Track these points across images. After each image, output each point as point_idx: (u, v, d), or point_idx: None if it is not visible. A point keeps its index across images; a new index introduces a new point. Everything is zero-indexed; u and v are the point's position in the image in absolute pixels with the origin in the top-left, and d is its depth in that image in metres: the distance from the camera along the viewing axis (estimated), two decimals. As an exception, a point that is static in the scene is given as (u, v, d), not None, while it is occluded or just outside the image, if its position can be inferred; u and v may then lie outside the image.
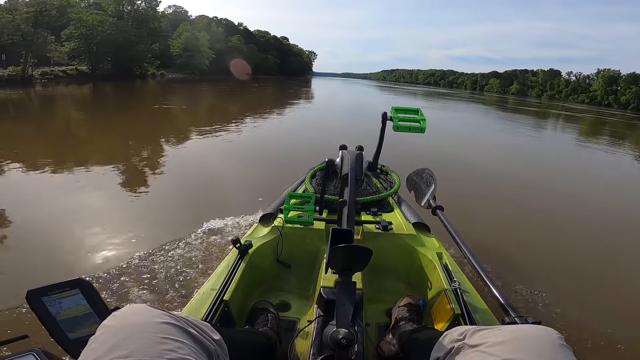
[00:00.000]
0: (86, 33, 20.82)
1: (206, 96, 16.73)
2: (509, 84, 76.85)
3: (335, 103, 19.19)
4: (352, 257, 0.82)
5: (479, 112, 19.19)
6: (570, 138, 12.27)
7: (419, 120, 1.47)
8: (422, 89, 55.86)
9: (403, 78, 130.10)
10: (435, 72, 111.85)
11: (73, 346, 0.65)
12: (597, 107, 48.65)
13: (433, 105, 19.97)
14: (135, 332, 0.52)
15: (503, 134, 11.47)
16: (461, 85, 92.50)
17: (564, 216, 3.94)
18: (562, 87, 66.41)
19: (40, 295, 0.65)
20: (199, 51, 34.76)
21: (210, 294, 1.08)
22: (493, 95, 59.69)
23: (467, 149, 7.76)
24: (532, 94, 69.98)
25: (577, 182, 5.70)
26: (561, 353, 0.57)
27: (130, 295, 1.90)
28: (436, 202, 1.59)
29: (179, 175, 4.37)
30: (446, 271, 1.26)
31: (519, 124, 14.63)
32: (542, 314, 2.02)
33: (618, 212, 4.32)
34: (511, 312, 0.88)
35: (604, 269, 2.83)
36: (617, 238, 3.51)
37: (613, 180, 6.27)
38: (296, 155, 5.36)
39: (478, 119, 15.13)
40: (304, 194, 1.67)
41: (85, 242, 2.49)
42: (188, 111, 10.42)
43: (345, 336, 0.69)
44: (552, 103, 49.67)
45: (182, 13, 45.91)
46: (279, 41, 71.77)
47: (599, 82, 58.46)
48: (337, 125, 9.72)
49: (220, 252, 2.32)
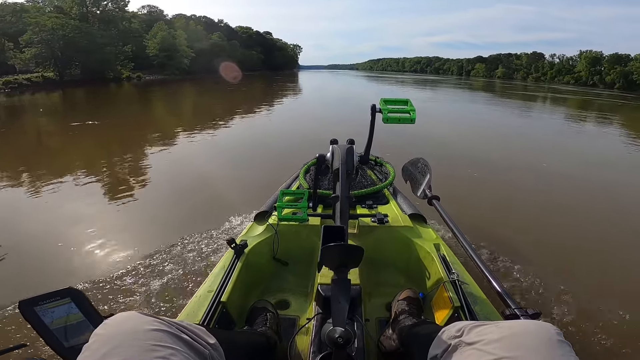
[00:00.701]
0: (47, 38, 19.29)
1: (182, 97, 15.50)
2: (494, 68, 76.57)
3: (323, 95, 18.49)
4: (344, 255, 0.81)
5: (475, 99, 18.34)
6: (561, 120, 11.89)
7: (409, 111, 1.37)
8: (410, 77, 54.88)
9: (390, 67, 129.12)
10: (421, 59, 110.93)
11: (69, 354, 0.65)
12: (582, 88, 48.68)
13: (424, 96, 18.77)
14: (125, 340, 0.52)
15: (502, 119, 11.12)
16: (447, 71, 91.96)
17: (558, 197, 3.86)
18: (547, 69, 66.28)
19: (32, 305, 0.65)
20: (177, 51, 33.17)
21: (208, 296, 1.06)
22: (480, 80, 59.10)
23: (461, 136, 7.47)
24: (518, 77, 69.68)
25: (571, 163, 5.56)
26: (559, 349, 0.55)
27: (125, 301, 1.85)
28: (432, 191, 1.56)
29: (167, 180, 4.17)
30: (444, 262, 1.25)
31: (515, 108, 14.06)
32: (541, 301, 1.96)
33: (612, 190, 4.23)
34: (510, 303, 0.87)
35: (601, 248, 2.75)
36: (611, 217, 3.42)
37: (607, 160, 6.03)
38: (286, 152, 5.19)
39: (478, 108, 14.25)
40: (296, 191, 1.64)
41: (80, 252, 2.39)
42: (142, 122, 9.29)
43: (342, 335, 0.69)
44: (539, 85, 49.57)
45: (157, 13, 43.84)
46: (262, 36, 69.84)
47: (583, 63, 58.46)
48: (326, 118, 9.24)
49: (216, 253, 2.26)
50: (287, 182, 1.99)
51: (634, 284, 2.27)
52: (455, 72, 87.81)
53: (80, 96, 15.85)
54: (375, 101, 1.37)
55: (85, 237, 2.57)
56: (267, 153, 5.41)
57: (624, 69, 50.01)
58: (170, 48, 32.04)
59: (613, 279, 2.33)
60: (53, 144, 6.48)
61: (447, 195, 1.64)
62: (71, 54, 20.33)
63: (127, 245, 2.45)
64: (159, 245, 2.35)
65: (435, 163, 1.81)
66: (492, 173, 4.72)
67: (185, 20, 48.62)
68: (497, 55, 79.11)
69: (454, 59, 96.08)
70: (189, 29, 45.91)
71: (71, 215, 3.02)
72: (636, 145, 7.59)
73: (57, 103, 13.80)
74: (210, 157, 5.16)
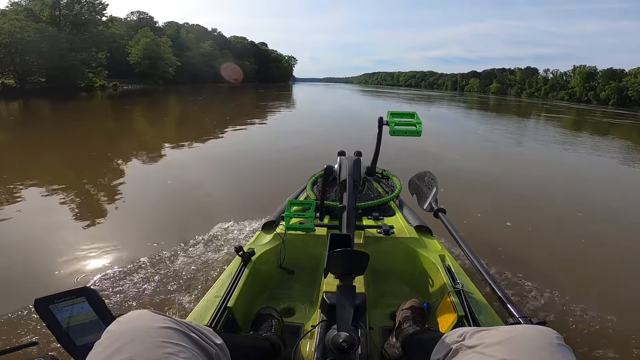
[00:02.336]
0: (5, 42, 17.06)
1: (150, 111, 13.16)
2: (488, 83, 75.89)
3: (325, 112, 16.05)
4: (350, 261, 0.81)
5: (471, 117, 16.40)
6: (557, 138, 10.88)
7: (415, 124, 1.35)
8: (406, 92, 52.66)
9: (385, 81, 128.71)
10: (415, 73, 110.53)
11: (80, 352, 0.65)
12: (576, 104, 47.27)
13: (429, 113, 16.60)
14: (137, 336, 0.53)
15: (502, 137, 10.05)
16: (442, 86, 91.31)
17: (566, 212, 3.65)
18: (541, 84, 65.47)
19: (48, 304, 0.65)
20: (162, 59, 31.03)
21: (215, 301, 1.07)
22: (474, 95, 57.68)
23: (465, 153, 6.90)
24: (512, 93, 68.77)
25: (577, 180, 5.31)
26: (559, 353, 0.55)
27: (135, 302, 1.80)
28: (438, 204, 1.54)
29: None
30: (449, 273, 1.24)
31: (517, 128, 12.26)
32: (546, 313, 1.86)
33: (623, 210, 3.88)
34: (515, 313, 0.87)
35: (614, 265, 2.61)
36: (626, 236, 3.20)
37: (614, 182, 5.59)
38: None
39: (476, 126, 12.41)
40: (304, 201, 1.65)
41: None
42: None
43: (346, 339, 0.69)
44: (532, 101, 48.54)
45: (147, 20, 41.74)
46: (256, 47, 68.24)
47: (577, 79, 57.83)
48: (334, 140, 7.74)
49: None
50: (295, 193, 2.00)
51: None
52: (449, 87, 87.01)
53: (37, 107, 13.58)
54: (373, 119, 1.36)
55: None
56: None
57: (619, 84, 48.93)
58: (153, 56, 29.89)
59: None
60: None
61: (454, 210, 1.63)
62: (32, 59, 18.05)
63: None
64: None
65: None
66: (502, 190, 4.38)
67: (176, 28, 47.04)
68: (491, 70, 78.48)
69: (448, 73, 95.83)
70: (180, 37, 44.37)
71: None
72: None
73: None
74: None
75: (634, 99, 44.94)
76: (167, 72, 31.60)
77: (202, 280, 1.99)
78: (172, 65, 32.25)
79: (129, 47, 29.69)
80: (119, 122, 9.97)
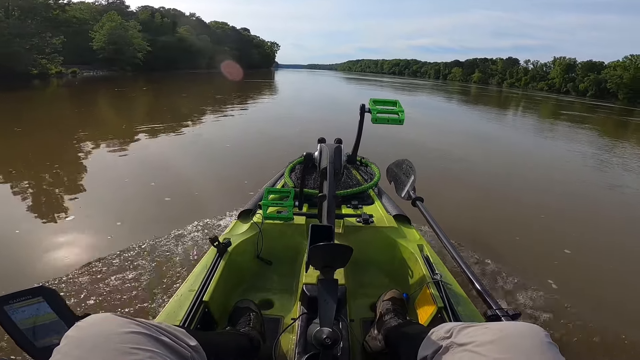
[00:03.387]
0: None
1: (105, 99, 11.49)
2: (470, 72, 75.42)
3: (305, 97, 15.75)
4: (333, 254, 0.79)
5: (458, 107, 15.48)
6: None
7: (398, 112, 1.31)
8: (390, 79, 51.69)
9: (369, 68, 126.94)
10: (399, 61, 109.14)
11: (41, 354, 0.61)
12: (556, 95, 47.53)
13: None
14: (100, 342, 0.48)
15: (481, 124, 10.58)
16: (425, 74, 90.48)
17: (536, 198, 3.91)
18: (521, 75, 65.39)
19: (2, 304, 0.61)
20: (129, 44, 28.65)
21: (189, 296, 1.01)
22: (456, 84, 57.00)
23: (443, 140, 7.21)
24: (493, 82, 68.52)
25: (549, 167, 5.56)
26: (548, 351, 0.57)
27: (101, 302, 1.72)
28: (416, 193, 1.55)
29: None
30: (428, 263, 1.24)
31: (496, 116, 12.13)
32: (520, 302, 1.92)
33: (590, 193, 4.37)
34: (492, 304, 0.87)
35: (581, 249, 2.76)
36: (590, 215, 3.55)
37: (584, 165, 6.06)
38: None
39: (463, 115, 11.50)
40: (282, 189, 1.56)
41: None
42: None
43: (329, 335, 0.68)
44: (512, 91, 48.81)
45: (118, 4, 38.65)
46: (238, 32, 65.22)
47: (557, 70, 57.91)
48: (310, 123, 8.00)
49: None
50: (272, 180, 1.93)
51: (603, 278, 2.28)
52: (432, 75, 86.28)
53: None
54: (355, 108, 1.31)
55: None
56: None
57: (598, 76, 49.09)
58: (119, 41, 27.49)
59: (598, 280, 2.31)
60: None
61: (430, 196, 1.64)
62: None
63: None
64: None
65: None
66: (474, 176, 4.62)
67: (151, 12, 43.99)
68: (473, 59, 77.94)
69: (431, 62, 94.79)
70: (155, 21, 41.51)
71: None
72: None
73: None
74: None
75: (612, 92, 45.10)
76: (136, 58, 29.22)
77: (175, 273, 1.89)
78: (141, 50, 29.85)
79: (93, 32, 27.20)
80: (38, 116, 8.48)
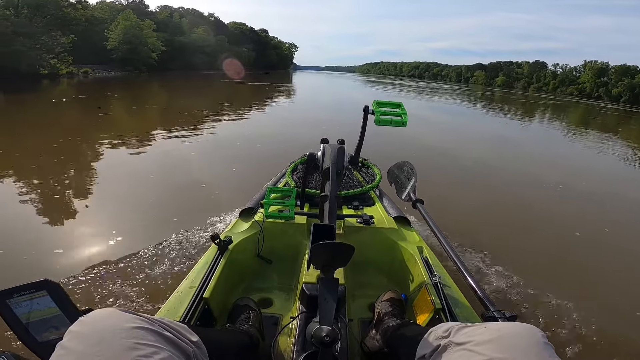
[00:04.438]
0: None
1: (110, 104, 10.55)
2: (494, 76, 72.10)
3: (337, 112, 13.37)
4: (334, 253, 0.79)
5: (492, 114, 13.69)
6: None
7: (401, 114, 1.31)
8: (413, 83, 49.04)
9: (387, 70, 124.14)
10: (419, 64, 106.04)
11: (43, 349, 0.61)
12: (587, 100, 44.56)
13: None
14: (105, 337, 0.48)
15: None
16: (446, 77, 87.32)
17: (545, 206, 3.77)
18: (549, 79, 61.81)
19: (5, 298, 0.61)
20: (144, 43, 28.01)
21: (189, 292, 1.01)
22: (479, 87, 54.41)
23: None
24: (519, 86, 65.14)
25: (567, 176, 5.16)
26: (545, 351, 0.57)
27: (105, 297, 1.72)
28: (416, 195, 1.55)
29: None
30: (427, 265, 1.24)
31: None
32: (518, 305, 1.93)
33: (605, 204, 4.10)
34: (490, 306, 0.87)
35: (587, 259, 2.67)
36: (597, 224, 3.38)
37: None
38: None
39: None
40: (284, 188, 1.55)
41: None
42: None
43: (329, 333, 0.67)
44: (540, 95, 46.07)
45: (137, 3, 38.35)
46: (256, 33, 64.50)
47: (588, 74, 54.41)
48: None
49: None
50: (274, 179, 1.94)
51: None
52: (454, 78, 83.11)
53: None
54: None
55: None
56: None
57: (632, 81, 45.65)
58: (133, 40, 26.89)
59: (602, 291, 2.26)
60: None
61: (431, 199, 1.60)
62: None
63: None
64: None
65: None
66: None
67: (169, 12, 43.67)
68: (497, 62, 74.50)
69: (452, 65, 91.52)
70: (173, 21, 41.07)
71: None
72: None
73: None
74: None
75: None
76: (150, 58, 28.56)
77: (177, 270, 1.89)
78: (155, 50, 29.19)
79: (109, 31, 26.69)
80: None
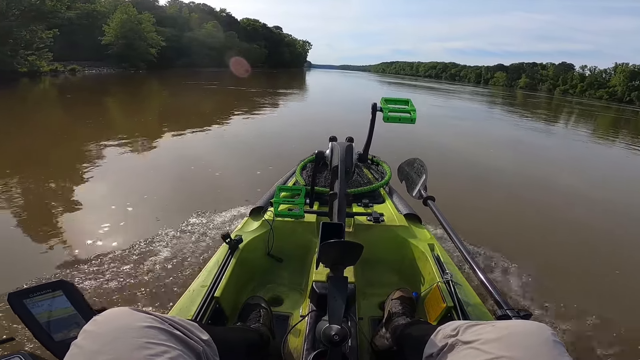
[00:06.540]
0: None
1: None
2: (516, 77, 67.74)
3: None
4: (343, 252, 0.78)
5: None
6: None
7: (409, 110, 1.29)
8: (428, 84, 45.25)
9: (403, 70, 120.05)
10: (436, 64, 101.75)
11: (59, 348, 0.61)
12: (617, 104, 41.30)
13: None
14: (117, 336, 0.48)
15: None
16: (464, 78, 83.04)
17: (562, 209, 3.58)
18: (577, 81, 57.26)
19: (22, 298, 0.61)
20: (143, 38, 26.02)
21: (201, 291, 1.01)
22: (500, 89, 50.49)
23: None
24: (543, 89, 60.73)
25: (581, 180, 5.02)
26: (554, 349, 0.55)
27: (117, 295, 1.69)
28: (427, 192, 1.52)
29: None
30: (438, 263, 1.21)
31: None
32: (532, 305, 1.84)
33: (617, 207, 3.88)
34: (503, 305, 0.86)
35: (600, 263, 2.55)
36: (613, 229, 3.21)
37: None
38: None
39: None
40: (294, 187, 1.51)
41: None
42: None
43: (338, 332, 0.66)
44: (567, 99, 42.53)
45: (145, -4, 36.53)
46: (269, 30, 62.17)
47: (619, 77, 50.01)
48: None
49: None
50: (283, 178, 1.89)
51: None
52: (472, 79, 78.89)
53: None
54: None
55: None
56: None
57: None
58: (130, 35, 24.93)
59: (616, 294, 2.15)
60: None
61: (442, 197, 1.57)
62: None
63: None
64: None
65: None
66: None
67: (179, 7, 41.88)
68: (519, 64, 69.97)
69: (471, 65, 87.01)
70: (182, 15, 39.26)
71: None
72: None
73: None
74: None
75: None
76: (149, 54, 26.59)
77: (190, 269, 1.87)
78: (155, 46, 27.19)
79: (106, 25, 24.81)
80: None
